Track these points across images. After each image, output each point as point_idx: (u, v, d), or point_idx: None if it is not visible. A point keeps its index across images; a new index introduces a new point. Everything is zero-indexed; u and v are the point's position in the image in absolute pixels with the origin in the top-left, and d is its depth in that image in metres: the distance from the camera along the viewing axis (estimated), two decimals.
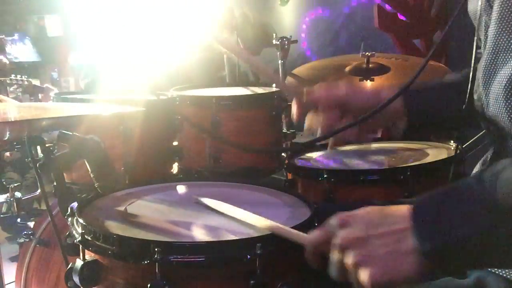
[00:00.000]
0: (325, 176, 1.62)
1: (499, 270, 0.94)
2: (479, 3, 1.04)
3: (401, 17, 3.32)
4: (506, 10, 0.93)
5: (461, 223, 0.76)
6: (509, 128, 0.97)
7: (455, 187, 0.84)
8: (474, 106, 1.08)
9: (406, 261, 0.79)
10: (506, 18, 0.93)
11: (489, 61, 0.99)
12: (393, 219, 0.83)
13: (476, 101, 1.05)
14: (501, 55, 0.95)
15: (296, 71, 2.19)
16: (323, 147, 2.06)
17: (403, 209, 0.83)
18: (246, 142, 1.87)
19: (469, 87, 1.10)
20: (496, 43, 0.96)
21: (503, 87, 0.97)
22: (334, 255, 0.86)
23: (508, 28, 0.94)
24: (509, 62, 0.94)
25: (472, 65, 1.09)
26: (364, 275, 0.80)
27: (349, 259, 0.82)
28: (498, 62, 0.96)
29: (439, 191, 0.83)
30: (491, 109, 0.99)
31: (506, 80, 0.96)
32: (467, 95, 1.11)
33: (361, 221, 0.84)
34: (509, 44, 0.94)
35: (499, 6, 0.95)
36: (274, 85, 2.18)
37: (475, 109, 1.08)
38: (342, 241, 0.84)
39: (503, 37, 0.95)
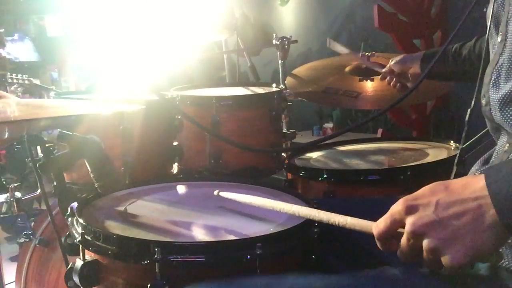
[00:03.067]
0: (325, 176, 1.62)
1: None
2: (491, 7, 1.03)
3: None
4: None
5: None
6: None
7: None
8: (481, 111, 1.07)
9: (486, 237, 0.76)
10: None
11: (505, 64, 0.98)
12: (465, 195, 0.78)
13: (484, 106, 1.05)
14: None
15: (296, 71, 2.18)
16: (322, 147, 2.06)
17: (474, 183, 0.79)
18: (246, 142, 1.86)
19: (475, 91, 1.09)
20: None
21: (499, 97, 0.97)
22: (406, 241, 0.82)
23: None
24: None
25: (480, 70, 1.08)
26: (445, 259, 0.77)
27: (426, 245, 0.78)
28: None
29: None
30: (497, 115, 0.99)
31: (505, 90, 0.95)
32: (474, 99, 1.11)
33: (428, 202, 0.79)
34: None
35: None
36: (274, 84, 2.18)
37: (482, 113, 1.07)
38: (413, 228, 0.79)
39: None
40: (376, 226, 0.85)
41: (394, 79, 1.79)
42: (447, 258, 0.77)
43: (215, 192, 1.27)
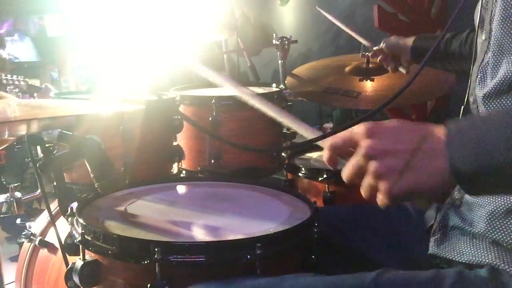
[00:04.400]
0: (325, 176, 1.62)
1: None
2: (479, 6, 1.03)
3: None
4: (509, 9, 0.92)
5: (498, 148, 0.74)
6: None
7: (493, 113, 0.81)
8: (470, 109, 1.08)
9: (432, 178, 0.78)
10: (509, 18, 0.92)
11: (490, 62, 0.98)
12: (425, 137, 0.80)
13: (472, 103, 1.05)
14: (504, 57, 0.94)
15: (296, 71, 2.19)
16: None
17: (436, 129, 0.81)
18: (246, 142, 1.86)
19: (468, 88, 1.10)
20: (499, 45, 0.95)
21: (483, 93, 0.97)
22: (355, 161, 0.84)
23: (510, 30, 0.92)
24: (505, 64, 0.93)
25: (472, 66, 1.09)
26: (382, 185, 0.80)
27: (372, 168, 0.80)
28: (499, 63, 0.95)
29: (476, 118, 0.81)
30: (483, 111, 1.00)
31: (490, 87, 0.96)
32: (466, 96, 1.11)
33: (390, 133, 0.82)
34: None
35: (501, 8, 0.93)
36: (274, 84, 2.18)
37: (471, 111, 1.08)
38: (367, 150, 0.81)
39: (506, 39, 0.93)
40: (333, 138, 0.88)
41: (386, 59, 1.81)
42: (385, 185, 0.79)
43: None
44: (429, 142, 0.80)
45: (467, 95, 1.10)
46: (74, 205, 1.20)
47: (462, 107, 1.15)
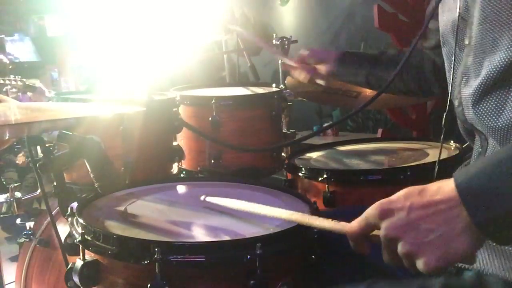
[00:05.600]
0: (325, 176, 1.62)
1: (500, 272, 0.93)
2: (456, 13, 1.04)
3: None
4: (489, 11, 0.93)
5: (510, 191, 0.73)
6: (485, 133, 0.98)
7: (501, 154, 0.78)
8: (455, 112, 1.09)
9: (459, 240, 0.75)
10: (490, 19, 0.93)
11: (472, 64, 0.99)
12: (437, 198, 0.78)
13: (457, 107, 1.06)
14: (486, 56, 0.95)
15: None
16: (322, 147, 2.06)
17: (445, 186, 0.78)
18: (246, 142, 1.86)
19: (450, 93, 1.11)
20: (481, 45, 0.96)
21: (470, 93, 0.98)
22: (384, 246, 0.82)
23: (491, 29, 0.93)
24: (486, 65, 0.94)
25: (452, 71, 1.10)
26: (419, 263, 0.77)
27: (400, 249, 0.78)
28: (481, 63, 0.97)
29: (483, 161, 0.79)
30: (470, 113, 1.01)
31: (474, 87, 0.97)
32: (448, 102, 1.12)
33: (402, 207, 0.79)
34: (493, 46, 0.93)
35: (480, 10, 0.95)
36: (274, 84, 2.18)
37: (456, 115, 1.09)
38: (388, 232, 0.80)
39: (486, 39, 0.94)
40: (350, 228, 0.86)
41: (305, 71, 1.72)
42: (420, 262, 0.77)
43: (202, 197, 1.27)
44: (444, 202, 0.77)
45: (449, 100, 1.11)
46: (74, 205, 1.20)
47: (445, 114, 1.15)
